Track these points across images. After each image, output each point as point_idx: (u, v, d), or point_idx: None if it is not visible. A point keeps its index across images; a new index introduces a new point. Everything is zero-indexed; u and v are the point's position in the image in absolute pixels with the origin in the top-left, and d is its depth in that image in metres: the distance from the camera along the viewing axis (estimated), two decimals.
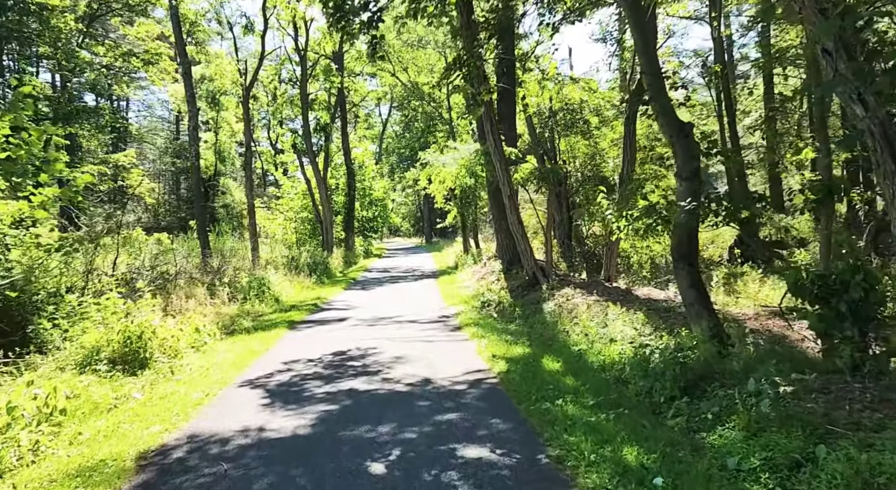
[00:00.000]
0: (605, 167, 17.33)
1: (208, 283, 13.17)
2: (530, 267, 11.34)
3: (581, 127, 16.15)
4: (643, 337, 6.34)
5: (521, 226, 11.37)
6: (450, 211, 25.60)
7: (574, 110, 16.21)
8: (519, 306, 10.18)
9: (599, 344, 6.83)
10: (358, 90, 31.57)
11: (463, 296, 12.82)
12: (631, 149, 10.75)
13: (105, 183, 31.69)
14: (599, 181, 16.18)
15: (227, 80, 23.67)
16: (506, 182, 11.17)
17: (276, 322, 10.71)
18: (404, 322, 10.05)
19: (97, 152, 37.33)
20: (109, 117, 35.65)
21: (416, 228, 60.55)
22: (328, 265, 21.19)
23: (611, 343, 6.46)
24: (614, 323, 7.36)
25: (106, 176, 31.29)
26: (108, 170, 31.09)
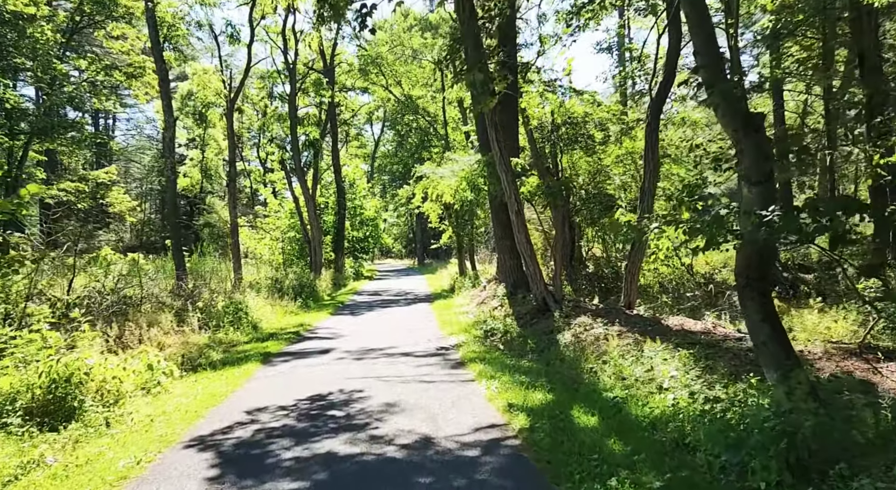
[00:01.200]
0: (609, 185, 16.23)
1: (177, 309, 11.78)
2: (540, 291, 10.05)
3: (584, 142, 15.07)
4: (700, 383, 5.04)
5: (530, 245, 10.12)
6: (444, 231, 24.38)
7: (577, 124, 15.12)
8: (530, 337, 8.85)
9: (640, 389, 5.52)
10: (349, 105, 30.51)
11: (462, 323, 11.48)
12: (653, 159, 9.57)
13: (83, 201, 30.36)
14: (605, 199, 15.05)
15: (210, 91, 22.48)
16: (512, 196, 9.94)
17: (249, 354, 9.32)
18: (397, 355, 8.70)
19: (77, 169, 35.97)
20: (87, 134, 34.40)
21: (409, 250, 59.22)
22: (315, 288, 19.81)
23: (659, 391, 5.13)
24: (652, 361, 6.06)
25: (84, 193, 29.96)
26: (87, 187, 29.76)
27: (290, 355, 9.15)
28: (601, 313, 9.20)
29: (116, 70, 28.39)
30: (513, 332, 9.43)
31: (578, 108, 15.17)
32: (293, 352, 9.50)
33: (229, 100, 21.26)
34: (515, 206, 9.97)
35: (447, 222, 23.73)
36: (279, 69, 25.99)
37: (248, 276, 19.89)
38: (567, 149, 14.60)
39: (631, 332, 7.96)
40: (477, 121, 13.13)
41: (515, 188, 10.01)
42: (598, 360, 6.74)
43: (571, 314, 9.39)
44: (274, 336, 11.41)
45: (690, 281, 15.08)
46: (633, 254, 9.76)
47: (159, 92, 16.57)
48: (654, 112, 9.56)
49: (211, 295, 13.38)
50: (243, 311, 12.54)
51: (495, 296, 13.47)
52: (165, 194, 48.57)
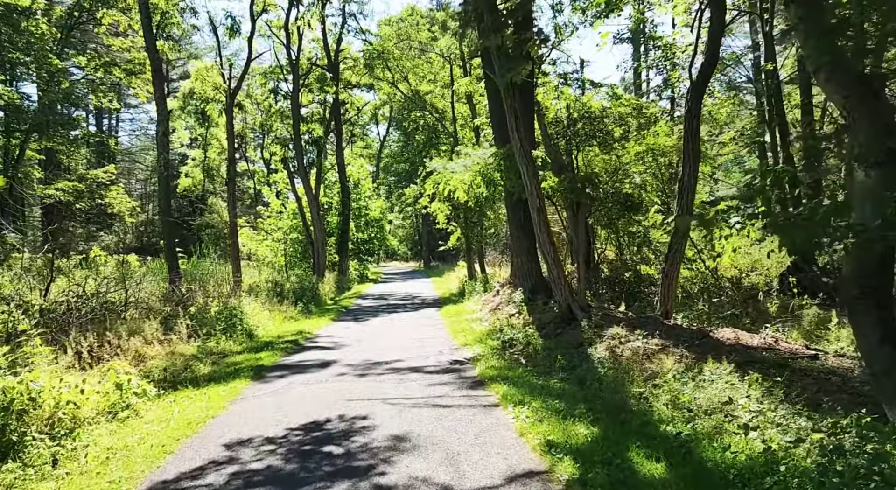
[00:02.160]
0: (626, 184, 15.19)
1: (166, 315, 10.80)
2: (564, 297, 9.00)
3: (601, 138, 14.03)
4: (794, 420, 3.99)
5: (553, 246, 9.07)
6: (452, 232, 23.34)
7: (594, 119, 14.08)
8: (556, 351, 7.79)
9: (708, 424, 4.46)
10: (354, 102, 29.55)
11: (476, 332, 10.44)
12: (694, 150, 8.52)
13: (81, 201, 29.57)
14: (624, 199, 14.00)
15: (208, 86, 21.55)
16: (534, 191, 8.90)
17: (240, 367, 8.31)
18: (405, 370, 7.66)
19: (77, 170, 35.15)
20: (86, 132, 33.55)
21: (414, 252, 58.23)
22: (317, 291, 18.81)
23: (744, 431, 4.05)
24: (715, 386, 5.00)
25: (82, 193, 29.15)
26: (85, 187, 28.93)
27: (286, 369, 8.12)
28: (635, 323, 8.14)
29: (116, 67, 27.55)
30: (536, 345, 8.37)
31: (595, 103, 14.16)
32: (289, 365, 8.48)
33: (229, 95, 20.34)
34: (537, 202, 8.93)
35: (455, 223, 22.72)
36: (281, 65, 25.07)
37: (248, 279, 18.92)
38: (583, 146, 13.55)
39: (676, 346, 6.90)
40: (491, 112, 12.11)
41: (537, 182, 8.97)
42: (646, 382, 5.68)
43: (601, 324, 8.34)
44: (270, 345, 10.40)
45: (715, 285, 13.99)
46: (670, 256, 8.71)
47: (151, 81, 15.61)
48: (695, 97, 8.51)
49: (205, 299, 12.41)
50: (237, 317, 11.54)
51: (510, 301, 12.42)
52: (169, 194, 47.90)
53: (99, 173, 30.03)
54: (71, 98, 25.63)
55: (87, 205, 30.04)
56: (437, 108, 23.84)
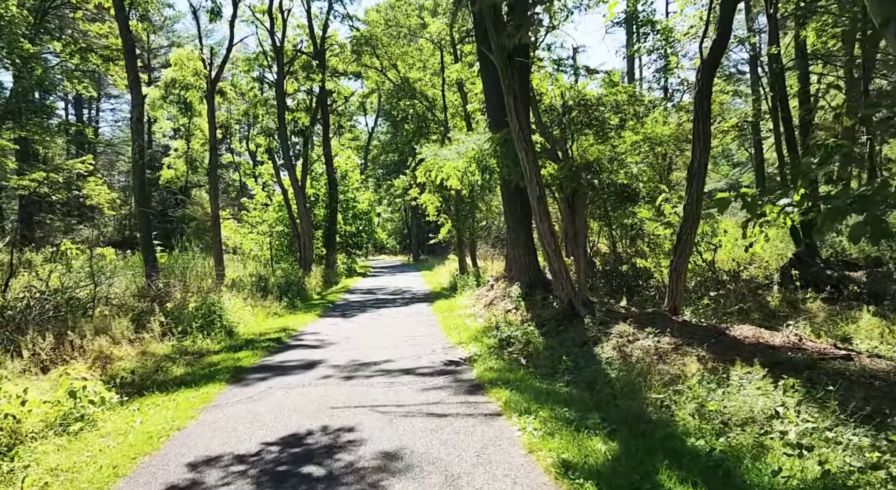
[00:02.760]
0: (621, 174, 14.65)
1: (139, 312, 10.10)
2: (566, 293, 8.40)
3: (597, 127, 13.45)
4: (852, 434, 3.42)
5: (554, 238, 8.47)
6: (443, 225, 22.72)
7: (591, 107, 13.48)
8: (559, 350, 7.20)
9: (743, 437, 3.88)
10: (341, 92, 28.74)
11: (471, 329, 9.84)
12: (704, 133, 7.93)
13: (57, 192, 28.61)
14: (621, 190, 13.45)
15: (188, 71, 20.66)
16: (534, 178, 8.28)
17: (217, 369, 7.64)
18: (396, 373, 7.04)
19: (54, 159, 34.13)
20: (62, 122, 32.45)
21: (403, 245, 57.55)
22: (303, 286, 18.12)
23: (795, 450, 3.47)
24: (744, 392, 4.43)
25: (58, 184, 28.19)
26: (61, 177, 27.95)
27: (267, 371, 7.47)
28: (642, 320, 7.57)
29: (92, 53, 26.54)
30: (536, 343, 7.78)
31: (591, 91, 13.58)
32: (270, 366, 7.82)
33: (210, 82, 19.52)
34: (537, 190, 8.31)
35: (446, 215, 22.10)
36: (265, 51, 24.20)
37: (232, 273, 18.20)
38: (577, 135, 12.97)
39: (691, 345, 6.34)
40: (486, 95, 11.47)
41: (537, 169, 8.34)
42: (665, 387, 5.09)
43: (606, 321, 7.76)
44: (251, 344, 9.73)
45: (713, 279, 13.52)
46: (679, 248, 8.13)
47: (125, 64, 14.78)
48: (706, 77, 7.91)
49: (184, 295, 11.71)
50: (216, 313, 10.85)
51: (506, 296, 11.83)
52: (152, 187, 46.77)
53: (76, 163, 29.00)
54: (44, 84, 24.60)
55: (63, 196, 29.08)
56: (427, 96, 23.12)
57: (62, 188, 28.14)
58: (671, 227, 16.20)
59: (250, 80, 26.09)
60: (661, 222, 16.05)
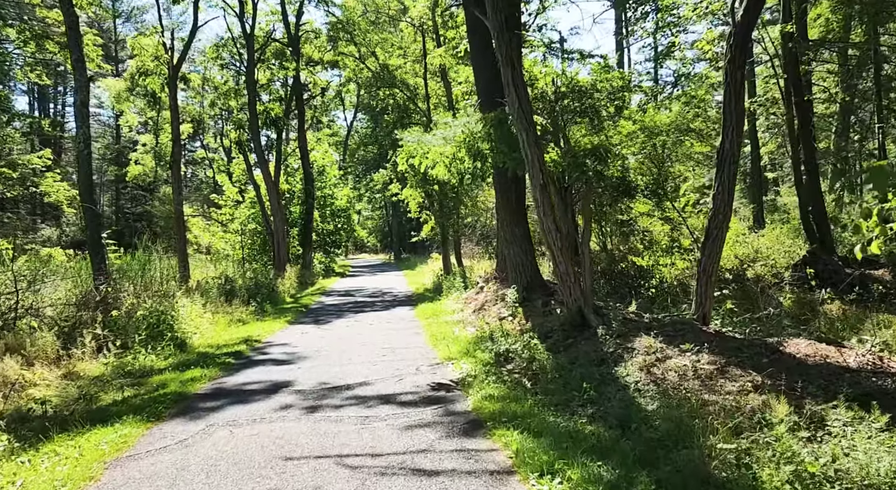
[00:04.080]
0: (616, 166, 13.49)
1: (72, 324, 8.62)
2: (574, 298, 7.12)
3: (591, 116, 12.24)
4: None
5: (560, 234, 7.19)
6: (426, 221, 21.37)
7: (584, 94, 12.23)
8: (571, 370, 5.91)
9: None
10: (317, 83, 27.22)
11: (461, 340, 8.52)
12: (738, 110, 6.71)
13: (11, 188, 26.75)
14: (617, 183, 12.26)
15: (147, 57, 19.01)
16: (536, 163, 6.99)
17: (155, 396, 6.22)
18: (372, 401, 5.69)
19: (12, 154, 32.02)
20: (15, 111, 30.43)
21: (384, 244, 56.08)
22: (275, 288, 16.68)
23: None
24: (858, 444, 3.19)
25: (11, 180, 26.34)
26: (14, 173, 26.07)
27: (214, 398, 6.08)
28: (669, 332, 6.34)
29: (49, 40, 24.70)
30: (542, 360, 6.49)
31: (584, 78, 12.34)
32: (220, 390, 6.42)
33: (171, 68, 17.94)
34: (540, 178, 7.02)
35: (429, 212, 20.76)
36: (234, 37, 22.62)
37: (199, 275, 16.65)
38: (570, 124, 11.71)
39: (741, 366, 5.11)
40: (476, 72, 10.16)
41: (540, 153, 7.06)
42: (734, 434, 3.81)
43: (624, 332, 6.51)
44: (205, 359, 8.30)
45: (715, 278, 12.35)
46: (708, 246, 6.90)
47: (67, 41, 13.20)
48: (740, 42, 6.68)
49: (137, 301, 10.23)
50: (165, 322, 9.38)
51: (499, 300, 10.55)
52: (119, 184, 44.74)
53: (32, 158, 27.13)
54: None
55: (17, 193, 27.18)
56: (409, 84, 21.75)
57: (16, 184, 26.29)
58: (670, 223, 15.06)
59: (220, 70, 24.48)
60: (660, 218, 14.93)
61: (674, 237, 14.05)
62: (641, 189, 13.63)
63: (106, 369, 7.40)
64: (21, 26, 25.43)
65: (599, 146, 8.77)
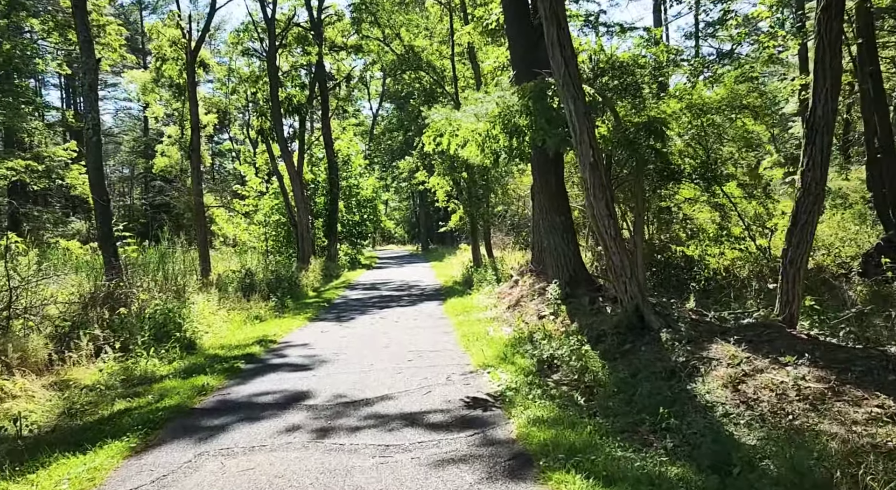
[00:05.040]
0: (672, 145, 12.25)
1: (72, 324, 7.91)
2: (631, 295, 6.06)
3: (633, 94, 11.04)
4: None
5: (614, 220, 6.11)
6: (454, 211, 20.39)
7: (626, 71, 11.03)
8: (634, 384, 4.88)
9: None
10: (342, 69, 26.39)
11: (497, 341, 7.54)
12: (833, 67, 5.51)
13: (38, 181, 26.62)
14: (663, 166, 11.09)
15: (164, 41, 18.38)
16: (585, 138, 5.93)
17: (152, 410, 5.38)
18: (395, 422, 4.76)
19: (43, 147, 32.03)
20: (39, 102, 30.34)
21: (412, 235, 55.32)
22: (297, 282, 15.90)
23: None
24: None
25: (37, 172, 26.20)
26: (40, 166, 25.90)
27: (215, 415, 5.22)
28: (751, 337, 5.24)
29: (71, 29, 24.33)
30: (596, 370, 5.47)
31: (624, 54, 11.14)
32: (225, 405, 5.57)
33: (189, 52, 17.26)
34: (590, 155, 5.95)
35: (457, 201, 19.77)
36: (255, 21, 21.86)
37: (222, 269, 15.95)
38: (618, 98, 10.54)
39: (861, 386, 4.02)
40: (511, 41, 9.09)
41: (590, 125, 5.99)
42: None
43: (694, 337, 5.44)
44: (214, 363, 7.51)
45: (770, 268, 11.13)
46: (796, 233, 5.75)
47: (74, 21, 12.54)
48: None
49: (149, 297, 9.54)
50: (173, 321, 8.61)
51: (536, 295, 9.52)
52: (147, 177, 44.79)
53: (58, 151, 26.97)
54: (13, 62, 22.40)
55: (44, 185, 27.08)
56: (435, 67, 20.70)
57: (42, 177, 26.16)
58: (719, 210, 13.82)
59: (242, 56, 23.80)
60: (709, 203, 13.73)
61: (723, 225, 12.87)
62: (689, 173, 12.46)
63: (101, 376, 6.63)
64: (44, 17, 25.10)
65: (654, 120, 7.62)
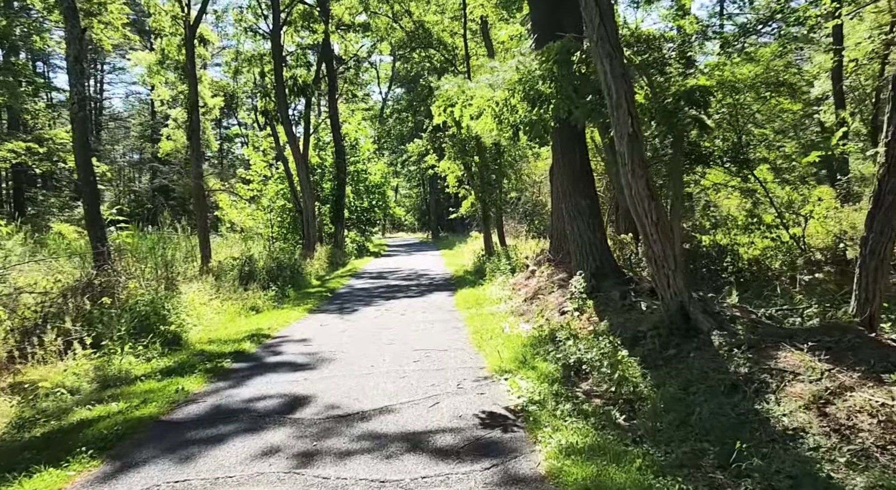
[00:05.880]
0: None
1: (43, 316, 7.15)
2: (675, 290, 5.14)
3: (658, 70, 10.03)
4: None
5: (654, 201, 5.18)
6: (465, 197, 19.44)
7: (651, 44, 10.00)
8: (687, 401, 3.99)
9: None
10: (349, 50, 25.39)
11: (515, 340, 6.65)
12: None
13: (39, 164, 25.99)
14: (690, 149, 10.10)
15: (162, 15, 17.49)
16: (623, 104, 4.99)
17: (106, 426, 4.57)
18: (395, 443, 3.90)
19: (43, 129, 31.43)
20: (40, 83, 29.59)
21: (422, 222, 54.43)
22: (300, 270, 15.08)
23: None
24: None
25: (38, 155, 25.58)
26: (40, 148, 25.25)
27: (180, 431, 4.39)
28: (826, 343, 4.32)
29: None
30: (636, 380, 4.57)
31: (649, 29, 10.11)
32: (195, 418, 4.73)
33: (188, 27, 16.38)
34: (629, 124, 5.01)
35: (468, 186, 18.82)
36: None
37: (224, 255, 15.13)
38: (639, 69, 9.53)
39: None
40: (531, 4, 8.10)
41: (629, 89, 5.04)
42: None
43: (754, 342, 4.52)
44: (199, 361, 6.71)
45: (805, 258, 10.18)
46: (878, 218, 4.78)
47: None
48: None
49: (137, 286, 8.77)
50: (156, 313, 7.81)
51: (556, 287, 8.60)
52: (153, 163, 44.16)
53: (60, 133, 26.25)
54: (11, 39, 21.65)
55: (45, 168, 26.45)
56: (446, 44, 19.66)
57: (43, 160, 25.54)
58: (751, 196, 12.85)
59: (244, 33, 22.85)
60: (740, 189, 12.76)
61: (753, 212, 11.90)
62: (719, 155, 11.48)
63: (65, 377, 5.83)
64: None
65: (697, 89, 6.63)
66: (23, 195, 34.50)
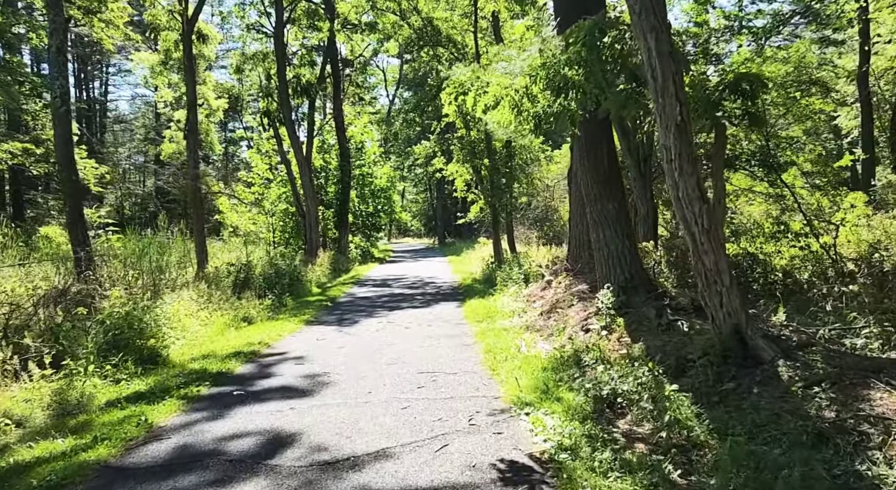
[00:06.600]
0: None
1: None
2: (729, 310, 4.30)
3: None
4: None
5: (705, 204, 4.34)
6: (473, 202, 18.62)
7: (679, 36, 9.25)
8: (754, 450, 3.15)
9: None
10: (355, 49, 24.71)
11: (533, 363, 5.81)
12: None
13: (36, 166, 25.40)
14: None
15: (160, 10, 16.84)
16: (670, 88, 4.17)
17: (59, 465, 3.77)
18: None
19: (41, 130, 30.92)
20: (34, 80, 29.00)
21: (428, 227, 53.68)
22: (300, 277, 14.31)
23: None
24: None
25: (35, 156, 25.00)
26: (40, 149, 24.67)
27: (131, 483, 3.59)
28: None
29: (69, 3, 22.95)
30: (687, 421, 3.72)
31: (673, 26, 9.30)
32: (154, 462, 3.91)
33: (186, 21, 15.70)
34: (677, 112, 4.19)
35: (477, 191, 18.00)
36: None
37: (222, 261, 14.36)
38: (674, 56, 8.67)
39: None
40: None
41: (677, 69, 4.23)
42: None
43: (836, 378, 3.67)
44: (180, 381, 5.94)
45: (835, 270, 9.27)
46: None
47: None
48: None
49: (124, 295, 8.02)
50: (133, 327, 7.02)
51: (576, 299, 7.76)
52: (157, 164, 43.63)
53: None
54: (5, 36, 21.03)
55: (44, 170, 25.86)
56: (455, 42, 18.90)
57: (40, 161, 24.94)
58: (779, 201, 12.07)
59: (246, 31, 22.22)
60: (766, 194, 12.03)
61: (780, 219, 11.04)
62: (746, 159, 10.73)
63: (14, 404, 5.04)
64: None
65: (744, 77, 5.78)
66: (22, 197, 33.98)
